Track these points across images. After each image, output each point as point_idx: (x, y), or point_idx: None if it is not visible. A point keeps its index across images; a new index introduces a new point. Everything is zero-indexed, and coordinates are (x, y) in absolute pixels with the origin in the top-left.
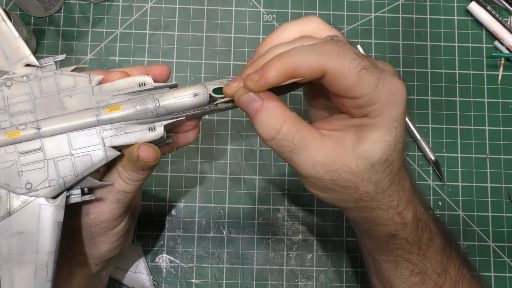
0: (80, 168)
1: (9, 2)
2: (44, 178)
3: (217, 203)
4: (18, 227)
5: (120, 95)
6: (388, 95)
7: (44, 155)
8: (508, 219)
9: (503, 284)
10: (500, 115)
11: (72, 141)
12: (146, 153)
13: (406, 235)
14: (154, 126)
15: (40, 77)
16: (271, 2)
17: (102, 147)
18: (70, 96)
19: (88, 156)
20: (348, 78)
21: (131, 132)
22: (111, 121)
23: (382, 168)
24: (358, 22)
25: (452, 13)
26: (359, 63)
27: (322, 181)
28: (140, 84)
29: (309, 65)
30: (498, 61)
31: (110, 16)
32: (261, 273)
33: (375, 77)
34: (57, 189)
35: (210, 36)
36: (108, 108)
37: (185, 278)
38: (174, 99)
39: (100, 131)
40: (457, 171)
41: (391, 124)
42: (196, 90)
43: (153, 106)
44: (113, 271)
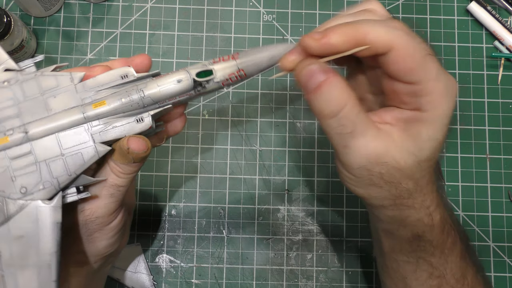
0: (73, 167)
1: (9, 2)
2: (38, 181)
3: (217, 203)
4: (18, 232)
5: (104, 90)
6: (446, 89)
7: (35, 158)
8: (508, 219)
9: (503, 284)
10: (500, 115)
11: (62, 141)
12: (136, 145)
13: (431, 237)
14: (142, 117)
15: (21, 80)
16: (271, 2)
17: (92, 143)
18: (54, 97)
19: (79, 154)
20: (414, 58)
21: (120, 126)
22: (98, 117)
23: (425, 166)
24: None
25: (452, 13)
26: (426, 47)
27: (371, 173)
28: (122, 76)
29: (379, 35)
30: (498, 61)
31: (110, 16)
32: (261, 273)
33: (438, 65)
34: (52, 190)
35: (210, 36)
36: (94, 104)
37: (185, 278)
38: (158, 87)
39: (88, 128)
40: (457, 171)
41: (444, 121)
42: (179, 77)
43: (138, 97)
44: (113, 271)
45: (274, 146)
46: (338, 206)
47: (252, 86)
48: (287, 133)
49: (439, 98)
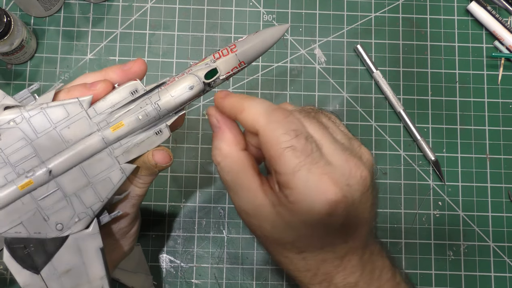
0: (104, 192)
1: (9, 2)
2: (71, 214)
3: (217, 203)
4: (64, 266)
5: (117, 110)
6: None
7: (64, 192)
8: (508, 219)
9: (503, 284)
10: (500, 115)
11: (87, 170)
12: (162, 158)
13: None
14: (160, 129)
15: (28, 117)
16: (271, 2)
17: (117, 166)
18: (68, 127)
19: (107, 179)
20: (272, 148)
21: (141, 142)
22: (118, 139)
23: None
24: (358, 22)
25: (452, 13)
26: (289, 140)
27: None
28: (132, 92)
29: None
30: (498, 61)
31: (110, 16)
32: (261, 273)
33: (298, 162)
34: (88, 219)
35: (210, 36)
36: (112, 128)
37: (185, 278)
38: (173, 98)
39: (111, 152)
40: (457, 171)
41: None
42: (190, 83)
43: (155, 111)
44: (113, 271)
45: None
46: None
47: (252, 86)
48: None
49: (297, 195)
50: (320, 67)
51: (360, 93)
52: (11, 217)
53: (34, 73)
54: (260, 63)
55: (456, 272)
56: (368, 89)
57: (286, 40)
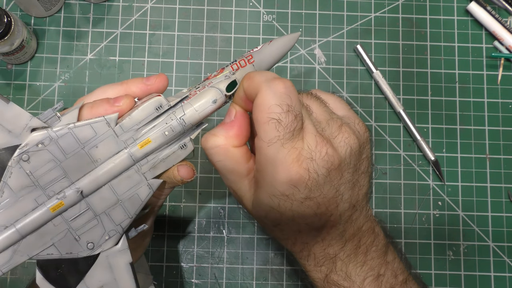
0: (132, 209)
1: (9, 2)
2: (102, 233)
3: (217, 203)
4: (96, 284)
5: (143, 126)
6: (271, 159)
7: (94, 212)
8: (508, 219)
9: (503, 284)
10: (500, 115)
11: (116, 188)
12: (187, 173)
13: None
14: (185, 143)
15: (56, 138)
16: (271, 2)
17: (145, 182)
18: (96, 147)
19: (135, 196)
20: (261, 114)
21: (167, 158)
22: (146, 156)
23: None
24: (358, 22)
25: (452, 13)
26: (279, 112)
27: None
28: (157, 108)
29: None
30: (498, 61)
31: (110, 16)
32: (261, 273)
33: (276, 134)
34: (118, 236)
35: (210, 36)
36: (139, 145)
37: (185, 278)
38: (197, 112)
39: (138, 169)
40: (457, 171)
41: (273, 191)
42: (213, 97)
43: (180, 126)
44: None
45: None
46: None
47: None
48: None
49: (264, 164)
50: (320, 67)
51: (360, 93)
52: (43, 240)
53: (34, 73)
54: None
55: (456, 272)
56: (368, 89)
57: None
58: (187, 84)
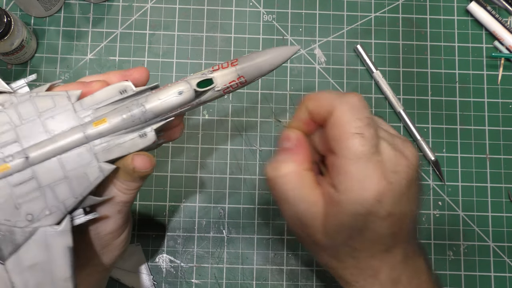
0: (79, 189)
1: (9, 2)
2: (43, 206)
3: (217, 203)
4: (29, 261)
5: (103, 107)
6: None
7: (39, 183)
8: (508, 219)
9: (503, 284)
10: (500, 115)
11: (65, 163)
12: (142, 163)
13: None
14: (145, 132)
15: (16, 103)
16: (271, 2)
17: (96, 163)
18: (52, 118)
19: (84, 175)
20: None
21: (123, 143)
22: (100, 136)
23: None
24: (358, 22)
25: (452, 13)
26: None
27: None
28: (121, 91)
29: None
30: (498, 61)
31: (110, 16)
32: (261, 273)
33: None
34: (60, 214)
35: (210, 36)
36: (94, 123)
37: (185, 278)
38: (160, 101)
39: (90, 148)
40: (457, 171)
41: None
42: (180, 88)
43: (140, 112)
44: (113, 271)
45: (274, 146)
46: None
47: (252, 86)
48: None
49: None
50: (320, 67)
51: (360, 93)
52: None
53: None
54: None
55: (456, 272)
56: (368, 89)
57: (286, 40)
58: None
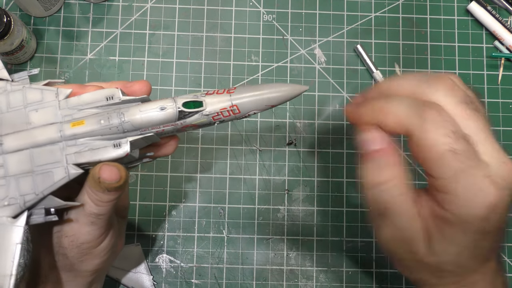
0: (41, 186)
1: (9, 2)
2: (4, 196)
3: (217, 203)
4: None
5: (86, 110)
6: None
7: (6, 171)
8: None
9: None
10: (500, 115)
11: (35, 158)
12: (109, 174)
13: None
14: (120, 143)
15: (9, 91)
16: (271, 2)
17: (64, 164)
18: (36, 111)
19: (49, 173)
20: (431, 151)
21: (96, 149)
22: (74, 137)
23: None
24: (358, 22)
25: (452, 13)
26: (450, 143)
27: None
28: (108, 98)
29: (397, 117)
30: (498, 61)
31: (110, 16)
32: (261, 273)
33: (459, 165)
34: (18, 208)
35: (210, 36)
36: (72, 123)
37: (185, 278)
38: (140, 113)
39: (63, 147)
40: None
41: (466, 226)
42: (163, 104)
43: (118, 121)
44: (113, 271)
45: (274, 146)
46: (338, 206)
47: None
48: (287, 133)
49: (456, 200)
50: (320, 67)
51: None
52: None
53: None
54: (260, 63)
55: None
56: None
57: (286, 40)
58: (187, 84)
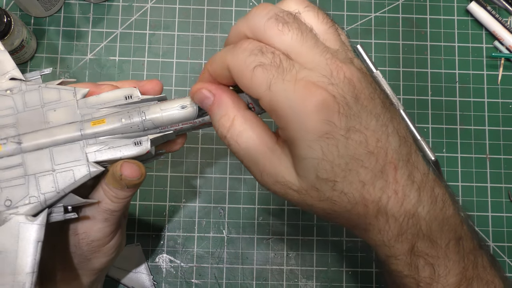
0: (62, 184)
1: (9, 2)
2: (24, 194)
3: (217, 203)
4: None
5: (106, 109)
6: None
7: (25, 170)
8: (508, 219)
9: None
10: (500, 115)
11: (55, 156)
12: (130, 171)
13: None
14: (141, 141)
15: (24, 90)
16: (271, 2)
17: (85, 162)
18: (54, 110)
19: (70, 171)
20: (243, 74)
21: (116, 147)
22: (95, 135)
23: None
24: (358, 22)
25: (452, 13)
26: (256, 59)
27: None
28: (126, 97)
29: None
30: (498, 61)
31: (110, 16)
32: (261, 273)
33: (269, 75)
34: (38, 206)
35: (210, 36)
36: (92, 122)
37: (185, 278)
38: (161, 111)
39: (83, 146)
40: (457, 171)
41: (308, 137)
42: (184, 103)
43: (139, 119)
44: (113, 271)
45: None
46: None
47: None
48: None
49: (283, 114)
50: None
51: None
52: None
53: None
54: None
55: None
56: None
57: None
58: (187, 84)
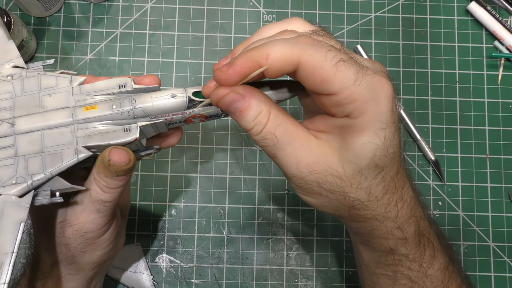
0: (50, 166)
1: (9, 2)
2: (12, 175)
3: (217, 203)
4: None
5: (99, 96)
6: (370, 92)
7: (16, 151)
8: (508, 219)
9: (503, 284)
10: (500, 115)
11: (46, 139)
12: (118, 157)
13: (406, 252)
14: (130, 128)
15: (24, 77)
16: (271, 2)
17: (74, 146)
18: (49, 95)
19: (59, 154)
20: (324, 69)
21: (106, 133)
22: (86, 121)
23: (372, 174)
24: (358, 22)
25: (452, 13)
26: (335, 55)
27: (307, 182)
28: (120, 85)
29: (280, 54)
30: (498, 61)
31: (110, 16)
32: (261, 273)
33: (354, 70)
34: (25, 188)
35: (210, 36)
36: (84, 107)
37: (185, 278)
38: (152, 100)
39: (74, 130)
40: (457, 171)
41: (377, 125)
42: (174, 92)
43: (130, 107)
44: (113, 271)
45: None
46: None
47: None
48: None
49: (364, 104)
50: None
51: None
52: None
53: None
54: None
55: None
56: None
57: None
58: (187, 84)
